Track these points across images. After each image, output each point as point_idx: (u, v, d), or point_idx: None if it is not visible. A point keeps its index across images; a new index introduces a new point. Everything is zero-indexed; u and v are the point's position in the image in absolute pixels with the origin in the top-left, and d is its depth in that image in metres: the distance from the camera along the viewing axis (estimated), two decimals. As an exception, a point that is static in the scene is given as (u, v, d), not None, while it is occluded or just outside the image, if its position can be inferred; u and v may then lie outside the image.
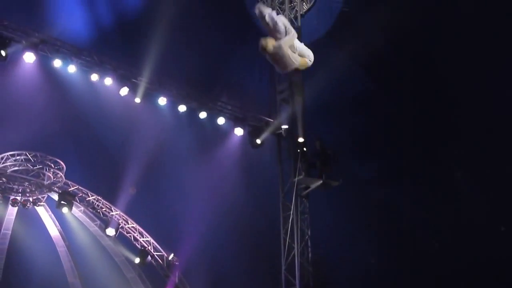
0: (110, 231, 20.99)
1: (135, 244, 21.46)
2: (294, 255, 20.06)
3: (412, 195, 21.67)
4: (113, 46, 19.44)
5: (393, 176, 22.12)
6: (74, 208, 21.17)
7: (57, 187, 21.18)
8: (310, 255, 20.40)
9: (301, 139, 18.48)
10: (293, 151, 18.68)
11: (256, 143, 18.57)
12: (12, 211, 22.66)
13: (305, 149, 18.47)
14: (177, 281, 21.41)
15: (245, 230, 21.72)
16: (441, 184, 21.29)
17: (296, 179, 18.48)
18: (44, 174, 21.16)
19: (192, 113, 18.12)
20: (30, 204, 22.16)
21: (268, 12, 7.86)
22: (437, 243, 22.22)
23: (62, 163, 21.23)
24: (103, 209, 21.26)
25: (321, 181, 18.57)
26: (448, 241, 21.51)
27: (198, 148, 20.82)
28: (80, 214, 22.48)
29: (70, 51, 16.19)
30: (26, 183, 21.42)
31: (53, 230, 23.51)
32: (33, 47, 15.40)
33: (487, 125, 19.35)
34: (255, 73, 20.33)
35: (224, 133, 18.96)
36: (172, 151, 21.20)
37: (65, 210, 20.53)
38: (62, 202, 20.21)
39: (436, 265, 21.79)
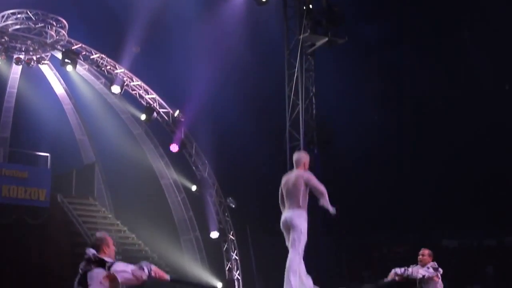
0: (115, 89, 20.96)
1: (140, 102, 21.56)
2: (298, 111, 20.34)
3: (417, 55, 21.64)
4: None
5: (399, 36, 21.98)
6: (78, 66, 21.08)
7: (60, 46, 20.94)
8: (314, 111, 20.69)
9: (307, -4, 18.15)
10: (299, 8, 18.39)
11: (261, 0, 18.24)
12: (16, 70, 22.64)
13: (311, 6, 18.18)
14: (183, 136, 21.70)
15: (250, 87, 21.88)
16: (447, 45, 21.21)
17: (302, 36, 18.32)
18: (46, 33, 20.81)
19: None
20: (34, 63, 22.07)
21: None
22: (440, 101, 22.51)
23: (64, 21, 20.86)
24: (108, 67, 21.15)
25: (326, 39, 18.45)
26: (452, 99, 21.77)
27: (202, 6, 20.44)
28: (85, 72, 22.40)
29: None
30: (29, 42, 21.19)
31: (59, 88, 23.58)
32: None
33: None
34: None
35: (228, -10, 18.59)
36: (175, 9, 20.83)
37: (69, 68, 20.46)
38: (66, 60, 20.09)
39: (437, 121, 22.21)
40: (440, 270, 9.73)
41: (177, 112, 21.52)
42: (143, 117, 21.64)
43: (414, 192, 21.94)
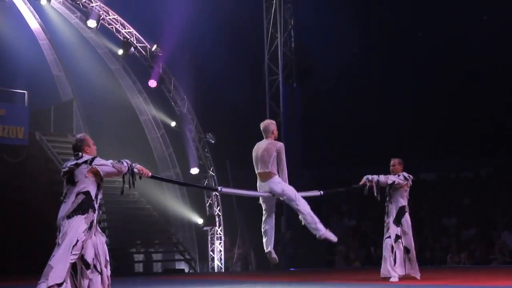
0: (91, 23, 20.57)
1: (117, 36, 21.24)
2: (277, 44, 20.24)
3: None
4: None
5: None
6: (52, 0, 20.62)
7: (32, -22, 20.43)
8: (293, 44, 20.59)
9: None
10: None
11: None
12: (-12, 3, 22.00)
13: None
14: (161, 71, 21.52)
15: (228, 19, 21.54)
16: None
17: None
18: (18, -35, 20.25)
19: None
20: (6, -4, 21.53)
21: None
22: (420, 33, 22.40)
23: (35, -48, 20.28)
24: (83, 0, 20.66)
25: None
26: (432, 30, 21.67)
27: None
28: (59, 6, 21.80)
29: None
30: (0, -26, 20.61)
31: (34, 23, 22.94)
32: None
33: None
34: None
35: None
36: None
37: (43, 1, 20.05)
38: (40, -7, 19.66)
39: (418, 51, 22.17)
40: (411, 178, 9.99)
41: (155, 46, 21.26)
42: (120, 52, 21.39)
43: (392, 125, 22.05)
